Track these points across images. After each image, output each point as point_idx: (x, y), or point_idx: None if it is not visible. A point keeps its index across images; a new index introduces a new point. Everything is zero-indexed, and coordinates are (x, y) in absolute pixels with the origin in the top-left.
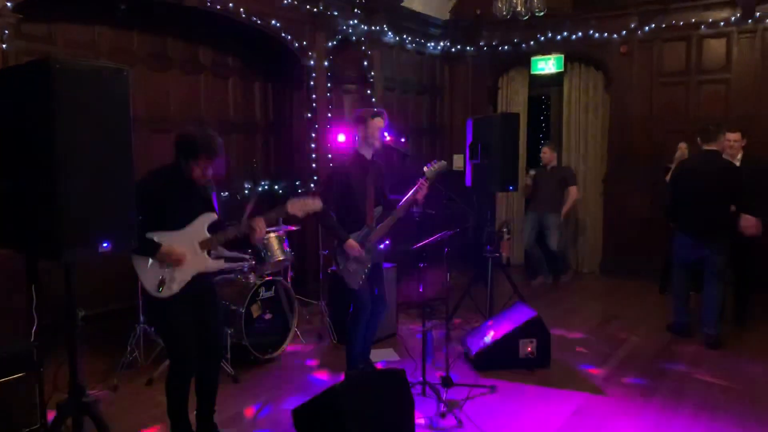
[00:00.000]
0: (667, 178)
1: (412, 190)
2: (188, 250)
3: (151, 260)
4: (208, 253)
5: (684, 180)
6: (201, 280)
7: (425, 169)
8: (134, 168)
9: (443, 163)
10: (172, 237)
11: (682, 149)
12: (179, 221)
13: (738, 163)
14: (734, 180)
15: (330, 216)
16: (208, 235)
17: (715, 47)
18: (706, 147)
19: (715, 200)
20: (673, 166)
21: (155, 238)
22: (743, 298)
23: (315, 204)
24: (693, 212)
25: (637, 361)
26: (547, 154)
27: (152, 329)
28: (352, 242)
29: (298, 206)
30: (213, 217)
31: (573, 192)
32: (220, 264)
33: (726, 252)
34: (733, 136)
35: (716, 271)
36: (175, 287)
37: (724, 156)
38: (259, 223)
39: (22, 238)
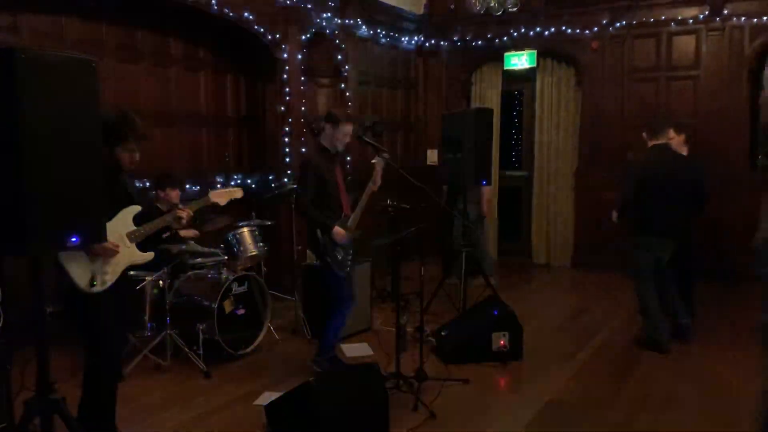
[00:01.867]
0: None
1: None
2: (116, 242)
3: (80, 255)
4: (137, 246)
5: (647, 179)
6: (125, 273)
7: (374, 160)
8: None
9: (380, 160)
10: None
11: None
12: (110, 209)
13: None
14: (696, 171)
15: (312, 208)
16: (134, 226)
17: (685, 44)
18: (655, 142)
19: (682, 196)
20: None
21: None
22: (689, 289)
23: (237, 192)
24: (662, 211)
25: (607, 354)
26: None
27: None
28: (338, 229)
29: (221, 194)
30: (137, 208)
31: (486, 191)
32: (150, 255)
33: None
34: (677, 136)
35: (686, 264)
36: (108, 279)
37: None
38: (184, 211)
39: None
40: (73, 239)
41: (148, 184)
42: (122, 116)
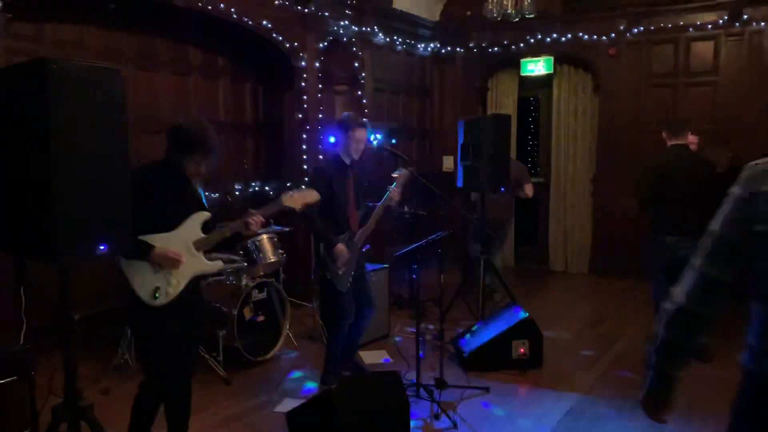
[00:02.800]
0: None
1: (385, 195)
2: (184, 251)
3: (143, 264)
4: (204, 254)
5: (663, 177)
6: (196, 284)
7: (394, 175)
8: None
9: (405, 172)
10: (165, 238)
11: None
12: (172, 220)
13: None
14: (709, 174)
15: (318, 221)
16: (202, 234)
17: (703, 50)
18: (674, 141)
19: (697, 196)
20: None
21: (147, 240)
22: None
23: (312, 195)
24: (678, 211)
25: (628, 361)
26: None
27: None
28: (341, 247)
29: (294, 198)
30: (206, 215)
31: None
32: (219, 265)
33: None
34: (694, 138)
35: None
36: (172, 292)
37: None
38: (255, 218)
39: (17, 240)
40: (101, 247)
41: None
42: (199, 128)
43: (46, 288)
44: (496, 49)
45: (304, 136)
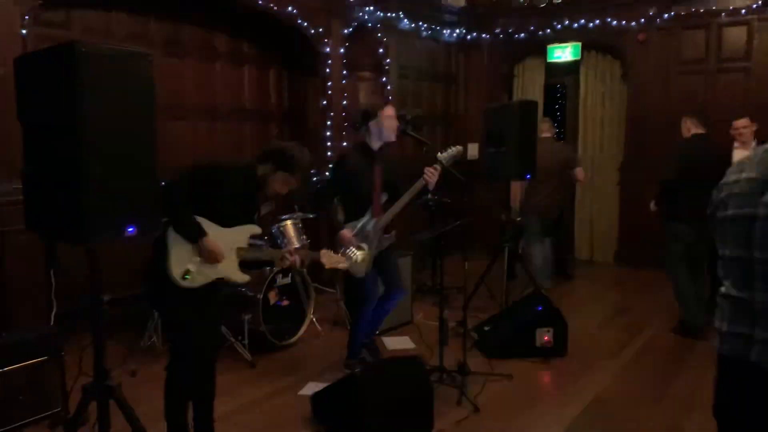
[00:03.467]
0: None
1: (422, 176)
2: (226, 252)
3: (187, 244)
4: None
5: (690, 166)
6: (216, 287)
7: (439, 154)
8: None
9: (459, 148)
10: (219, 232)
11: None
12: (230, 220)
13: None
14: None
15: (329, 207)
16: (246, 244)
17: (735, 35)
18: (699, 131)
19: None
20: None
21: (203, 225)
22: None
23: (342, 263)
24: (696, 200)
25: (653, 352)
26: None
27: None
28: (344, 233)
29: (331, 260)
30: (258, 230)
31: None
32: (246, 278)
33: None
34: (741, 123)
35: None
36: (199, 280)
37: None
38: (293, 257)
39: (47, 222)
40: (130, 229)
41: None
42: (302, 158)
43: (77, 271)
44: (522, 35)
45: (329, 122)
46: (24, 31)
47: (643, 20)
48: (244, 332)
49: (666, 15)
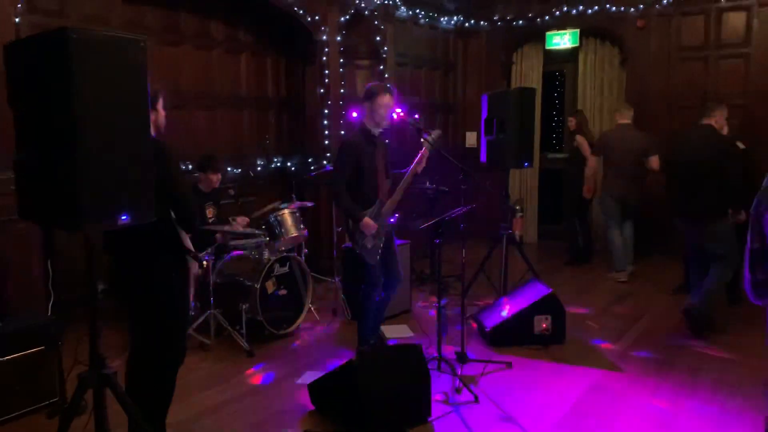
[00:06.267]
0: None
1: (414, 162)
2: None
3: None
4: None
5: (675, 157)
6: None
7: (422, 140)
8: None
9: (438, 131)
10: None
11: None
12: None
13: None
14: (725, 153)
15: (344, 196)
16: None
17: (735, 21)
18: (700, 121)
19: (708, 179)
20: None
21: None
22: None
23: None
24: (686, 195)
25: (652, 338)
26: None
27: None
28: (368, 220)
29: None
30: None
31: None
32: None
33: (724, 237)
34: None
35: (717, 258)
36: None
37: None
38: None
39: (42, 211)
40: (124, 217)
41: (191, 166)
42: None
43: (75, 262)
44: (521, 22)
45: (326, 111)
46: (17, 19)
47: (642, 6)
48: (242, 321)
49: (665, 1)
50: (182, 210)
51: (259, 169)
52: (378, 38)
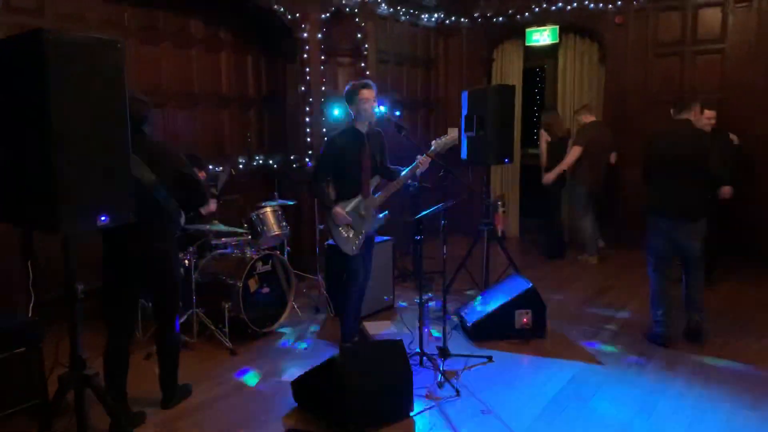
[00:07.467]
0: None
1: (413, 164)
2: None
3: None
4: None
5: (655, 154)
6: None
7: (433, 142)
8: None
9: (453, 136)
10: None
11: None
12: None
13: None
14: (706, 147)
15: (319, 186)
16: None
17: (710, 17)
18: (678, 117)
19: (690, 175)
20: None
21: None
22: (712, 262)
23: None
24: (667, 191)
25: (631, 332)
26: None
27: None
28: (338, 209)
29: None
30: None
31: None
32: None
33: (702, 235)
34: (710, 114)
35: (694, 260)
36: None
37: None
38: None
39: (20, 212)
40: (103, 218)
41: None
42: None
43: (55, 263)
44: (501, 18)
45: (308, 108)
46: None
47: (620, 2)
48: (225, 320)
49: None
50: (197, 189)
51: (240, 167)
52: (359, 35)
